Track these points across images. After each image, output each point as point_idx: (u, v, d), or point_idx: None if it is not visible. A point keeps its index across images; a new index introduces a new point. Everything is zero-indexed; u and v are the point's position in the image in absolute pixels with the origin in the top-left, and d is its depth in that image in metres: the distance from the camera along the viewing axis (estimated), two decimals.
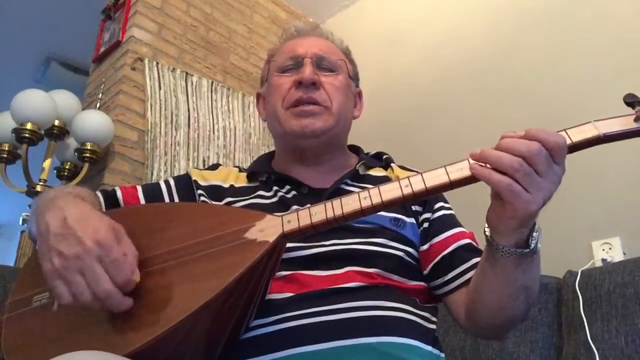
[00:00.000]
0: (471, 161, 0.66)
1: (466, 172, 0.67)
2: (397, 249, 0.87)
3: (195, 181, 0.98)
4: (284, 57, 1.02)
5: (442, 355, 0.85)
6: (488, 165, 0.65)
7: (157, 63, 2.23)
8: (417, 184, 0.68)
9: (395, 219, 0.91)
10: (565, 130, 0.67)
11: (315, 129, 0.94)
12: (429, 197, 0.93)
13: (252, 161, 2.23)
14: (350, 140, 1.09)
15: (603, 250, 1.59)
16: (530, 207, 0.64)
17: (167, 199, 0.96)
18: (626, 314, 1.20)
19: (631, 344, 1.16)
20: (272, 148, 1.09)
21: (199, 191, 0.96)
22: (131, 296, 0.68)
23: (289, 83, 0.97)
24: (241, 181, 1.00)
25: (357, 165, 1.00)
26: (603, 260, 1.56)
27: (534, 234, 0.70)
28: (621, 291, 1.23)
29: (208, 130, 2.29)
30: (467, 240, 0.92)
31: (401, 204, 0.78)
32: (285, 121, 0.96)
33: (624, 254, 1.56)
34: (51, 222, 0.70)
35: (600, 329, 1.22)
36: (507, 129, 0.68)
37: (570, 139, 0.66)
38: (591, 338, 1.21)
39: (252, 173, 1.01)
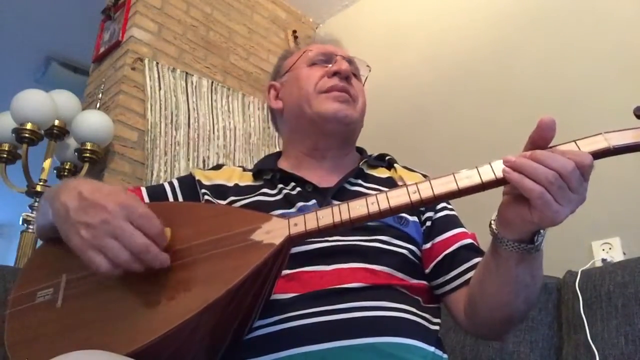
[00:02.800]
0: (504, 167, 0.66)
1: (475, 180, 0.67)
2: (400, 246, 0.88)
3: (199, 181, 0.98)
4: (315, 53, 1.05)
5: (445, 356, 0.85)
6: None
7: (157, 63, 2.23)
8: (425, 190, 0.68)
9: (399, 217, 0.92)
10: (575, 141, 0.67)
11: (348, 114, 0.98)
12: (436, 203, 0.94)
13: (252, 161, 2.26)
14: None
15: (603, 250, 1.59)
16: (558, 217, 0.65)
17: (171, 200, 0.96)
18: (626, 314, 1.20)
19: (631, 344, 1.16)
20: (272, 148, 1.10)
21: (203, 190, 0.96)
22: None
23: (321, 72, 1.01)
24: (246, 180, 1.01)
25: (361, 164, 1.01)
26: (603, 260, 1.56)
27: (541, 231, 0.71)
28: (621, 291, 1.23)
29: (208, 130, 2.29)
30: (470, 241, 0.93)
31: (409, 210, 0.78)
32: (319, 103, 0.98)
33: (624, 254, 1.56)
34: (68, 201, 0.70)
35: (600, 329, 1.22)
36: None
37: (580, 150, 0.66)
38: (591, 338, 1.21)
39: (258, 171, 1.02)
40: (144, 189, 0.98)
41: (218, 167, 1.06)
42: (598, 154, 0.66)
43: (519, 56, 2.06)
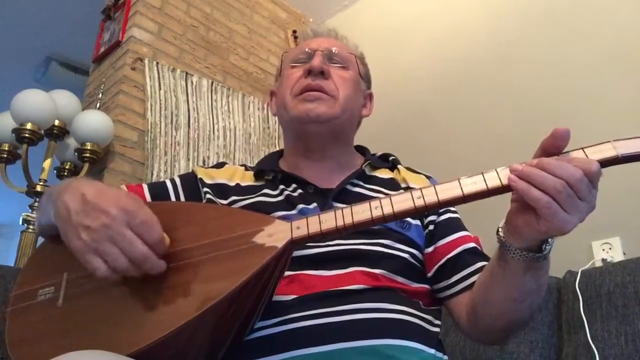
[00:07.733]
0: (510, 175, 0.65)
1: (481, 186, 0.66)
2: (402, 250, 0.88)
3: (201, 179, 0.98)
4: (297, 51, 1.05)
5: (445, 357, 0.85)
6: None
7: (157, 63, 2.23)
8: (430, 196, 0.68)
9: (401, 220, 0.91)
10: (582, 148, 0.66)
11: (319, 113, 0.95)
12: (440, 209, 0.93)
13: (252, 161, 2.26)
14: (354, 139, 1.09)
15: (603, 250, 1.59)
16: (567, 226, 0.64)
17: (172, 198, 0.96)
18: (626, 314, 1.20)
19: (631, 344, 1.16)
20: (272, 148, 1.10)
21: (205, 189, 0.96)
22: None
23: (300, 72, 1.00)
24: (247, 179, 1.00)
25: (363, 165, 1.00)
26: (603, 260, 1.56)
27: (549, 240, 0.70)
28: (621, 291, 1.23)
29: (208, 130, 2.29)
30: (473, 244, 0.92)
31: (413, 215, 0.78)
32: (292, 107, 0.98)
33: (624, 254, 1.56)
34: (70, 202, 0.69)
35: (600, 329, 1.22)
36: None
37: (587, 157, 0.65)
38: (591, 338, 1.21)
39: (259, 171, 1.01)
40: (145, 186, 0.98)
41: (220, 165, 1.05)
42: (606, 162, 0.65)
43: (520, 54, 2.06)
